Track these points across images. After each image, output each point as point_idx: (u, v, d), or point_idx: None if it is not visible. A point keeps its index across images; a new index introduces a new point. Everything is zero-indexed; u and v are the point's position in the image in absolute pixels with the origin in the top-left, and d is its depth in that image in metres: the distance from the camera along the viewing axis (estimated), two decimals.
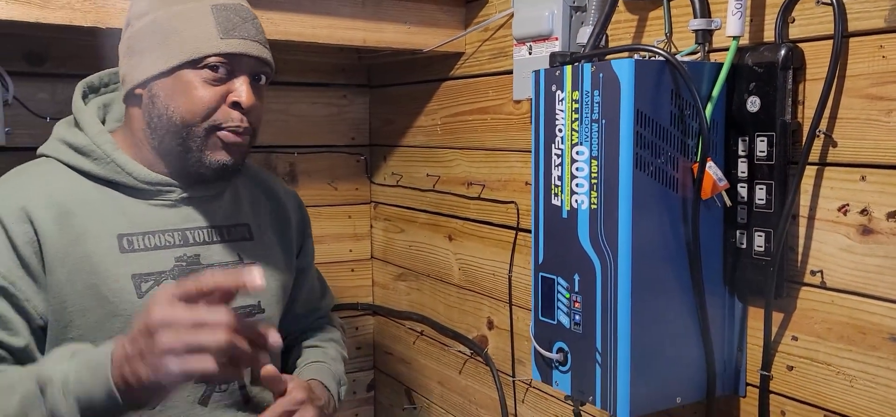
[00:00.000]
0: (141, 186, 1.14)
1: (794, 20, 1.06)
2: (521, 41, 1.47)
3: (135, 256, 1.11)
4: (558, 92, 1.11)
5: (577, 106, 1.09)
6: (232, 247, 1.21)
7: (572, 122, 1.09)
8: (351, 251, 2.11)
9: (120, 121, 1.21)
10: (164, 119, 1.10)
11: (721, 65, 1.07)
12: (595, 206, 1.07)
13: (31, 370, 0.98)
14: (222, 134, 1.11)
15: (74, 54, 1.66)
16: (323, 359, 1.32)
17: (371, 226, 2.14)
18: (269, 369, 1.03)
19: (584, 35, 1.27)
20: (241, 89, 1.11)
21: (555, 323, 1.16)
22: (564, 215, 1.12)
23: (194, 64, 1.09)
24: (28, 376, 0.95)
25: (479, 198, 1.69)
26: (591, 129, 1.06)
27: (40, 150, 1.17)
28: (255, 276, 0.86)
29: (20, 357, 1.06)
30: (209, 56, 1.08)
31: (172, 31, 1.09)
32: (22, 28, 1.32)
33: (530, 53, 1.46)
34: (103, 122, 1.20)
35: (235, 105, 1.11)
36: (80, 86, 1.20)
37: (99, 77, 1.23)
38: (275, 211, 1.32)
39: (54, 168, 1.14)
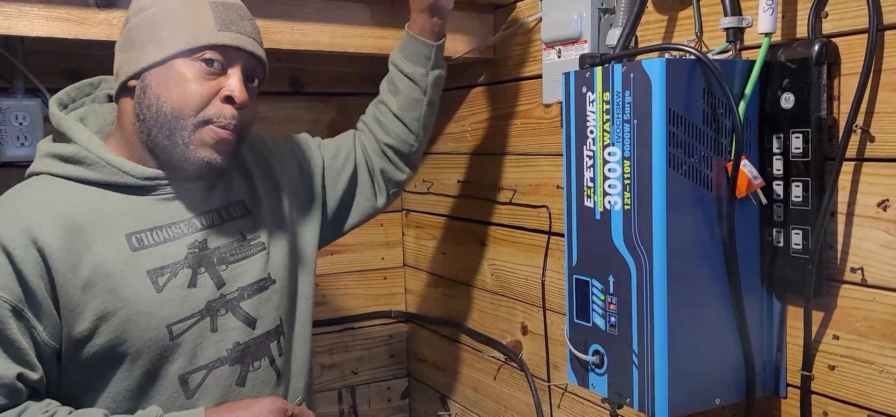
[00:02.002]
0: (139, 183, 1.14)
1: (827, 15, 1.04)
2: (550, 45, 1.47)
3: (146, 252, 1.12)
4: (589, 93, 1.11)
5: (607, 107, 1.08)
6: (233, 226, 1.22)
7: (604, 123, 1.09)
8: (383, 259, 2.13)
9: (100, 132, 1.20)
10: (154, 109, 1.10)
11: (753, 62, 1.06)
12: (628, 207, 1.07)
13: None
14: (210, 129, 1.10)
15: (107, 70, 1.70)
16: None
17: (403, 234, 2.15)
18: None
19: (612, 37, 1.26)
20: (234, 83, 1.11)
21: (590, 325, 1.15)
22: (597, 216, 1.12)
23: (189, 54, 1.09)
24: None
25: (510, 203, 1.69)
26: (623, 130, 1.06)
27: (30, 171, 1.16)
28: None
29: (36, 388, 1.08)
30: (205, 47, 1.09)
31: (170, 23, 1.10)
32: (60, 45, 1.36)
33: (559, 57, 1.46)
34: None
35: (228, 100, 1.11)
36: (55, 102, 1.19)
37: (67, 93, 1.22)
38: (265, 177, 1.32)
39: (50, 183, 1.13)
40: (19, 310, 1.05)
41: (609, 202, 1.10)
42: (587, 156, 1.13)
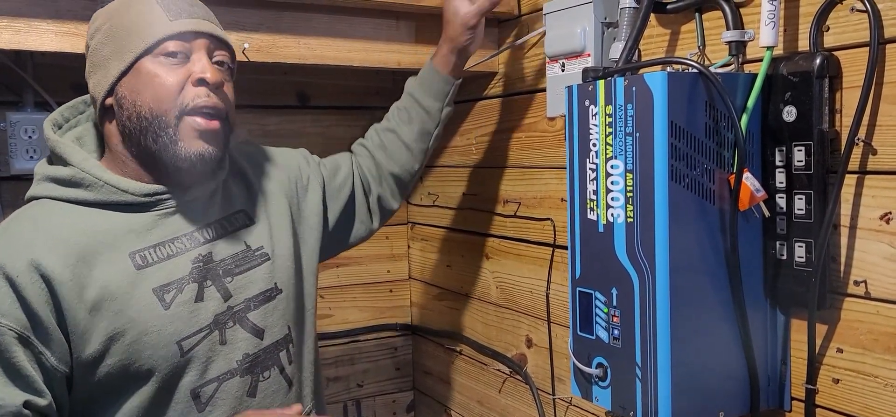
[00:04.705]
0: (139, 200, 1.14)
1: (828, 28, 1.05)
2: (554, 59, 1.48)
3: (151, 270, 1.12)
4: (592, 106, 1.12)
5: (610, 120, 1.09)
6: (236, 237, 1.22)
7: (606, 136, 1.10)
8: (389, 271, 2.13)
9: (97, 150, 1.20)
10: (134, 117, 1.10)
11: (755, 75, 1.06)
12: (631, 220, 1.07)
13: None
14: (192, 120, 1.11)
15: None
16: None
17: (408, 247, 2.15)
18: None
19: (615, 51, 1.27)
20: (200, 65, 1.11)
21: (593, 338, 1.15)
22: (600, 229, 1.12)
23: (150, 51, 1.10)
24: None
25: (515, 216, 1.69)
26: (626, 143, 1.07)
27: (29, 195, 1.16)
28: None
29: (46, 414, 1.07)
30: (162, 40, 1.10)
31: (124, 30, 1.11)
32: (70, 59, 1.38)
33: (563, 70, 1.47)
34: None
35: (201, 82, 1.11)
36: (49, 124, 1.19)
37: (60, 113, 1.22)
38: (265, 185, 1.32)
39: (50, 207, 1.12)
40: (25, 337, 1.04)
41: (612, 214, 1.10)
42: (590, 168, 1.13)
